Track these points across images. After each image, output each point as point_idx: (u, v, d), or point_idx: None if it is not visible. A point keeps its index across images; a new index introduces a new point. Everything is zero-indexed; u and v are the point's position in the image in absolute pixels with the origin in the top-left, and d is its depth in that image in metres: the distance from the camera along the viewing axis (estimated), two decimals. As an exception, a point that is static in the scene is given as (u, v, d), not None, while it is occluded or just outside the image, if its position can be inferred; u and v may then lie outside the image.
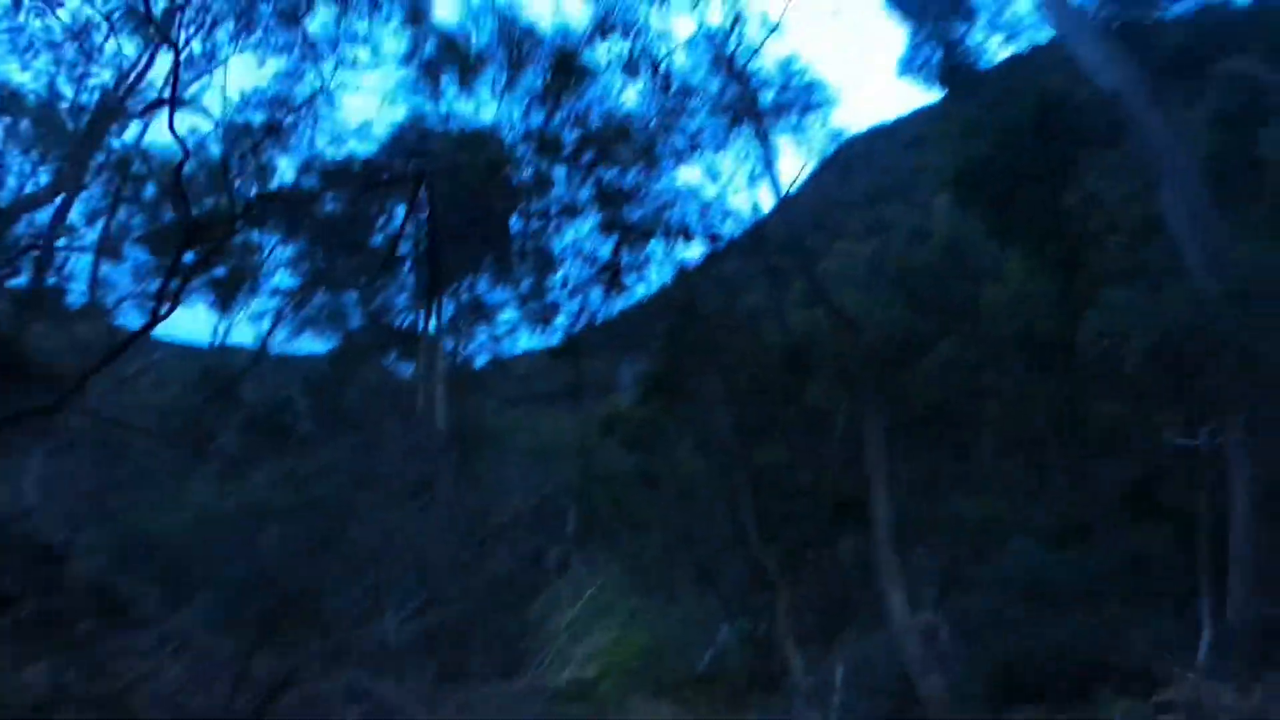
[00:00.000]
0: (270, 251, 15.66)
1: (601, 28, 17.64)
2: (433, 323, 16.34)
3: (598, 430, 20.93)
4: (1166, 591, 8.88)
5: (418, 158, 14.22)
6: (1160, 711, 5.39)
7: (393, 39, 14.72)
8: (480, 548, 12.81)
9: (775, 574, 16.23)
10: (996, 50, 15.57)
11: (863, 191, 33.70)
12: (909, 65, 15.97)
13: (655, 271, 21.09)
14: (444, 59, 15.21)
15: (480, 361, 19.79)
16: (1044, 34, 13.91)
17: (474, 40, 16.17)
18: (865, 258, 21.86)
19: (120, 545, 8.81)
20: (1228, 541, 7.43)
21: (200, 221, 9.18)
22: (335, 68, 13.15)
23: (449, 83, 15.51)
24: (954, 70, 15.02)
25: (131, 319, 14.72)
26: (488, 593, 12.03)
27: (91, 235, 13.62)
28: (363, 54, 13.89)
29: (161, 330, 12.75)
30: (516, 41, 16.34)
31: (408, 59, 14.74)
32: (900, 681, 9.55)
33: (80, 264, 13.62)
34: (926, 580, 13.52)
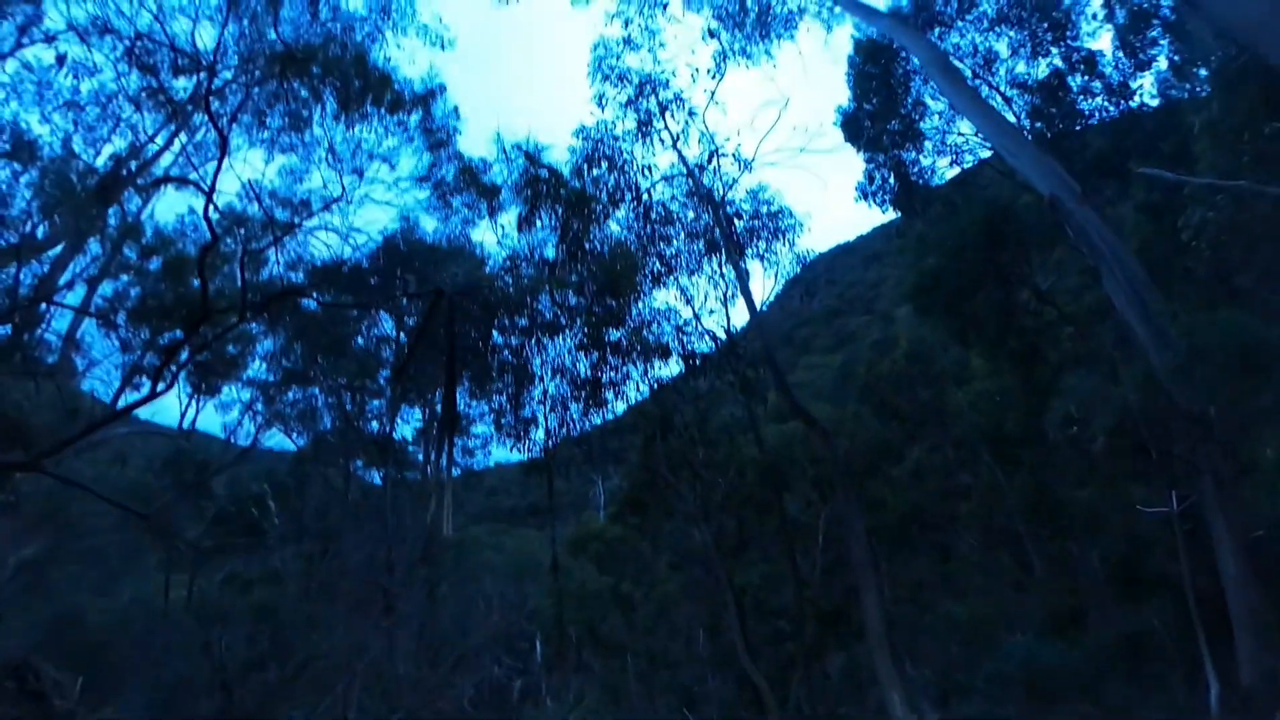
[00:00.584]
0: (256, 344, 15.57)
1: (590, 159, 19.05)
2: (438, 445, 15.98)
3: (569, 549, 20.20)
4: (1169, 663, 8.58)
5: (420, 275, 14.61)
6: None
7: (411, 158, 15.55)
8: (447, 671, 11.90)
9: (766, 694, 15.29)
10: (944, 170, 17.11)
11: (828, 306, 35.23)
12: (866, 189, 17.32)
13: (633, 389, 21.38)
14: (459, 185, 16.09)
15: (449, 472, 19.29)
16: (985, 151, 15.38)
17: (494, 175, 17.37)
18: (833, 369, 22.42)
19: (51, 624, 7.97)
20: (1221, 602, 7.34)
21: (214, 306, 9.13)
22: (355, 177, 13.70)
23: (460, 205, 16.34)
24: (906, 192, 16.32)
25: (99, 387, 14.21)
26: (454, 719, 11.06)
27: (74, 297, 13.39)
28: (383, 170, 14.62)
29: (122, 404, 12.30)
30: (533, 178, 17.54)
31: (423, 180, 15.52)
32: None
33: (59, 323, 13.34)
34: (922, 689, 12.89)
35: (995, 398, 14.26)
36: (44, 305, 11.26)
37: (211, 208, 9.58)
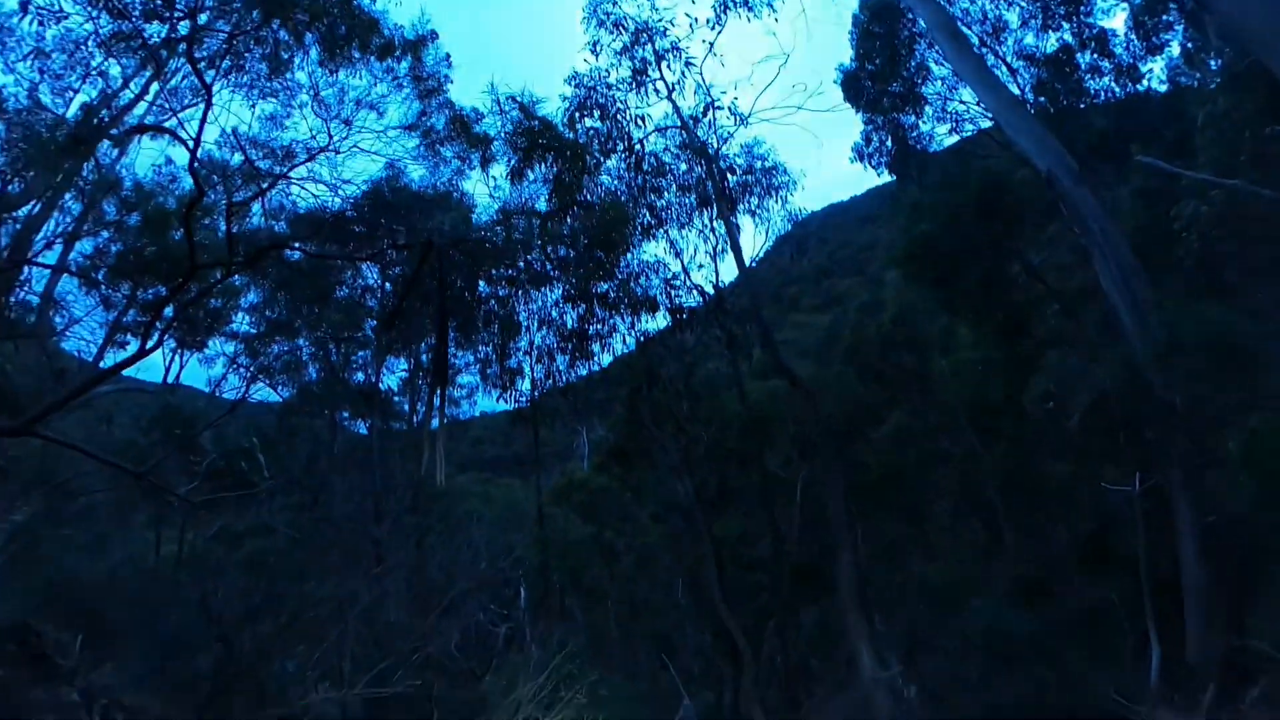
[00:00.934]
0: (240, 297, 15.32)
1: (582, 107, 18.59)
2: (428, 395, 15.91)
3: (554, 498, 20.60)
4: (1124, 638, 9.09)
5: (408, 226, 14.28)
6: None
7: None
8: (434, 618, 12.25)
9: (741, 643, 15.94)
10: (943, 137, 16.92)
11: (818, 266, 35.23)
12: (862, 150, 17.13)
13: (619, 341, 21.44)
14: (450, 135, 15.62)
15: (435, 425, 19.43)
16: (985, 121, 15.22)
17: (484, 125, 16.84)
18: (820, 329, 22.59)
19: (47, 586, 8.14)
20: (1175, 582, 7.76)
21: (200, 261, 8.90)
22: (343, 126, 13.21)
23: (450, 155, 15.89)
24: (903, 156, 16.16)
25: (82, 346, 14.04)
26: (442, 664, 11.44)
27: (53, 255, 13.06)
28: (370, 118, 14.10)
29: (104, 362, 12.20)
30: (526, 130, 17.07)
31: (412, 129, 15.04)
32: None
33: (39, 283, 13.03)
34: (890, 644, 13.49)
35: (978, 367, 14.52)
36: (23, 266, 10.99)
37: (195, 161, 9.32)
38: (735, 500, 20.24)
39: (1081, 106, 13.87)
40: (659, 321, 21.30)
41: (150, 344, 8.71)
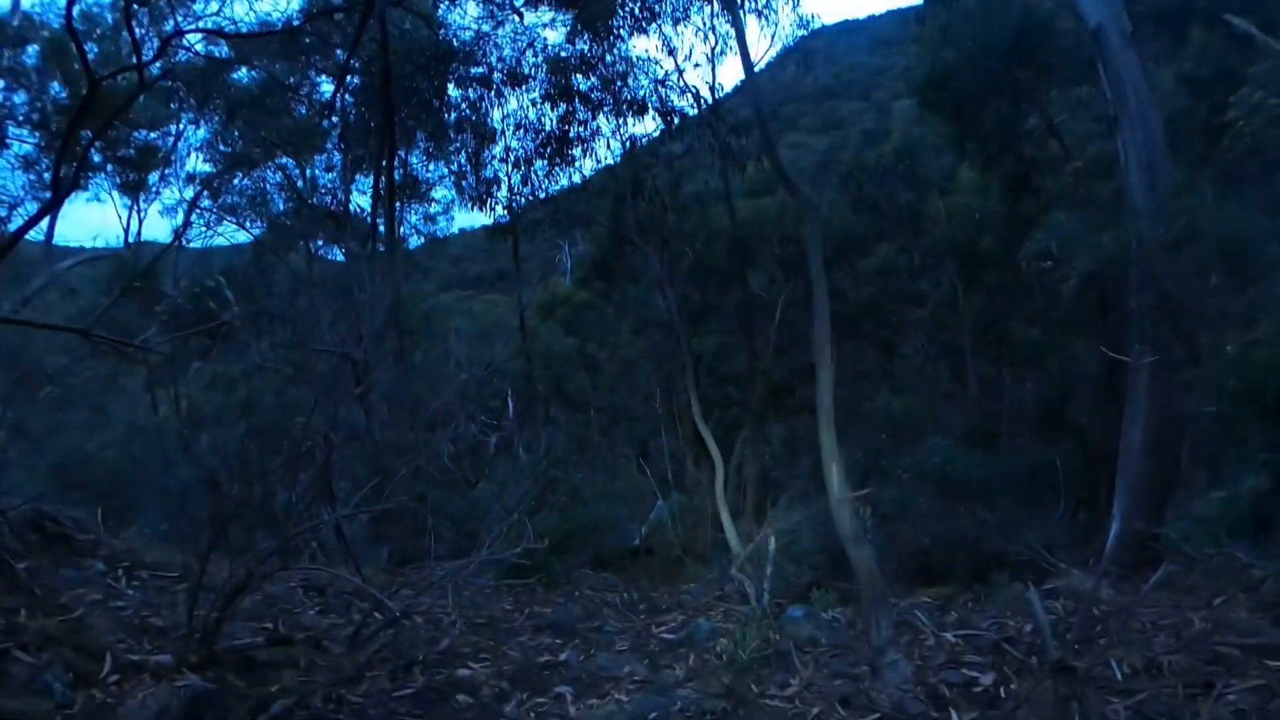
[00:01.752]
0: (182, 131, 14.09)
1: None
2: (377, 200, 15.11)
3: (537, 313, 20.84)
4: (1059, 500, 9.91)
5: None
6: (1048, 597, 6.19)
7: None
8: (424, 433, 12.89)
9: (713, 449, 17.12)
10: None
11: (823, 85, 32.56)
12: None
13: (603, 147, 20.27)
14: None
15: (413, 244, 18.97)
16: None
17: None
18: (817, 152, 21.50)
19: (51, 473, 8.44)
20: (1113, 465, 8.27)
21: (101, 82, 7.92)
22: None
23: None
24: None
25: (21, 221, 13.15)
26: (434, 477, 12.26)
27: None
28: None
29: (71, 238, 11.52)
30: None
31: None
32: (826, 553, 10.37)
33: None
34: (850, 466, 14.48)
35: (976, 215, 14.09)
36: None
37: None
38: (715, 317, 20.61)
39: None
40: (647, 125, 20.05)
41: (64, 190, 8.00)
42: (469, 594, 7.56)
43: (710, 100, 18.89)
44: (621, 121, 19.69)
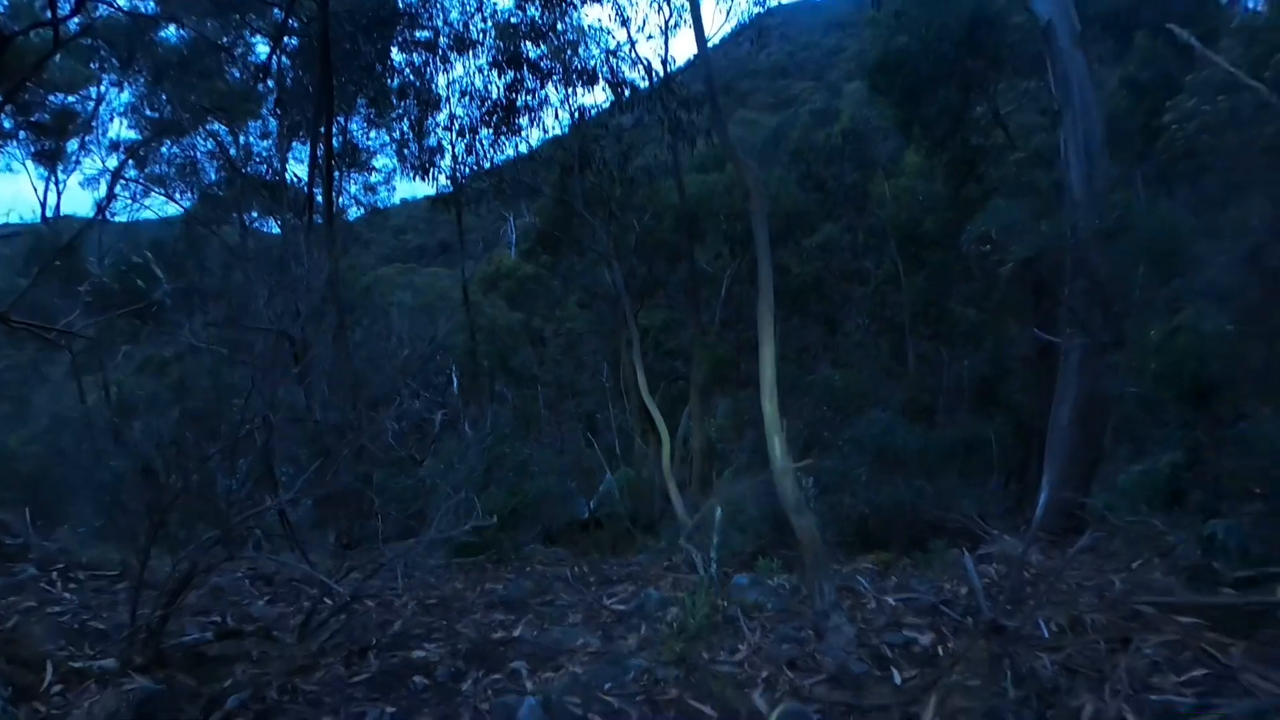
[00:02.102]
0: (104, 94, 13.07)
1: None
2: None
3: (482, 286, 20.49)
4: (991, 470, 10.44)
5: None
6: (982, 562, 6.53)
7: None
8: (367, 412, 12.61)
9: (660, 423, 17.29)
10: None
11: (776, 63, 32.52)
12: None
13: (551, 118, 19.90)
14: None
15: (353, 215, 18.29)
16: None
17: None
18: (766, 129, 21.54)
19: None
20: (1046, 439, 8.79)
21: (12, 38, 7.31)
22: None
23: None
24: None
25: None
26: (379, 456, 12.03)
27: None
28: None
29: None
30: None
31: None
32: (770, 523, 10.63)
33: None
34: (792, 438, 14.86)
35: (920, 197, 14.44)
36: None
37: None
38: (661, 291, 20.66)
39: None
40: (597, 97, 19.74)
41: None
42: (419, 575, 7.53)
43: (662, 73, 18.74)
44: (571, 92, 19.40)
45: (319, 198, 13.81)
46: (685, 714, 4.33)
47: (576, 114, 18.99)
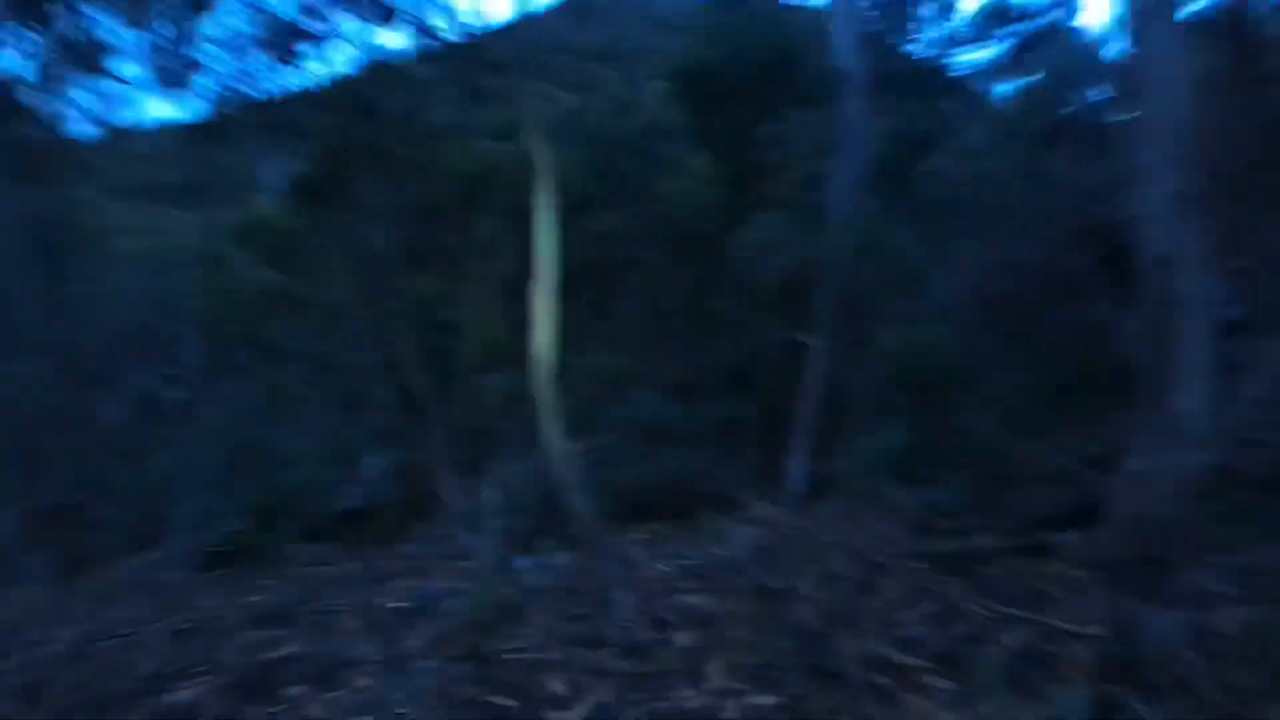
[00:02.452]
0: None
1: None
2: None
3: (233, 238, 18.16)
4: (747, 445, 11.89)
5: None
6: (742, 523, 7.40)
7: None
8: (85, 393, 10.65)
9: (430, 403, 16.73)
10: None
11: (593, 47, 32.32)
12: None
13: (339, 54, 18.04)
14: None
15: (80, 131, 14.80)
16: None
17: None
18: (569, 110, 21.50)
19: None
20: (792, 420, 10.47)
21: None
22: None
23: None
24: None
25: None
26: (100, 452, 10.26)
27: None
28: None
29: None
30: None
31: None
32: (545, 501, 10.86)
33: None
34: (565, 417, 15.36)
35: (701, 200, 15.63)
36: None
37: None
38: (437, 260, 19.91)
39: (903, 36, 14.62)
40: (396, 40, 18.32)
41: None
42: (165, 597, 6.55)
43: (473, 30, 17.88)
44: (367, 28, 17.77)
45: (35, 104, 11.29)
46: (486, 712, 4.23)
47: (367, 55, 17.51)
